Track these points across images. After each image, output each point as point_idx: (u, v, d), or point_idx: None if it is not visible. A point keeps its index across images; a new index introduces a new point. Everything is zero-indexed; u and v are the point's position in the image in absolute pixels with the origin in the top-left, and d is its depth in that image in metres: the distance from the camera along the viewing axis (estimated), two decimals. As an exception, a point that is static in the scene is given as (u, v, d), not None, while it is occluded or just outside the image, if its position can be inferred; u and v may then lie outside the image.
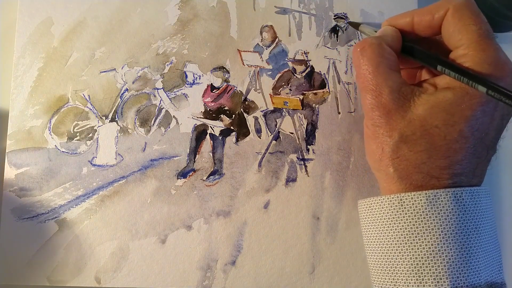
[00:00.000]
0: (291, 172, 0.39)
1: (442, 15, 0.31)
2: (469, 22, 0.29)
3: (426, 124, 0.29)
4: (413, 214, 0.28)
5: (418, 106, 0.29)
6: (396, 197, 0.29)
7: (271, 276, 0.37)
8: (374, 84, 0.31)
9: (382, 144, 0.30)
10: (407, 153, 0.29)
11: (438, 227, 0.28)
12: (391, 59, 0.31)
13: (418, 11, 0.32)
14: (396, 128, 0.30)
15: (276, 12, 0.41)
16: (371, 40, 0.32)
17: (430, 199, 0.28)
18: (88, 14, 0.40)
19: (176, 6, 0.41)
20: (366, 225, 0.32)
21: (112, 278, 0.37)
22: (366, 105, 0.31)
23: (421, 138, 0.29)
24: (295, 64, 0.41)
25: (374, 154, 0.31)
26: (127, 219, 0.38)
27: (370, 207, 0.31)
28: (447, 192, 0.28)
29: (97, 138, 0.39)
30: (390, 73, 0.31)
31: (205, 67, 0.40)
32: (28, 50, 0.40)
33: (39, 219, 0.38)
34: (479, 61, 0.28)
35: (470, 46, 0.29)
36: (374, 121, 0.31)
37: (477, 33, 0.29)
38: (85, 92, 0.40)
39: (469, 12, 0.30)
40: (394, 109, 0.30)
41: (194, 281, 0.37)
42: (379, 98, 0.30)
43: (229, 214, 0.38)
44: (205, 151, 0.39)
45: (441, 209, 0.28)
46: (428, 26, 0.32)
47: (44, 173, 0.38)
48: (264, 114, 0.40)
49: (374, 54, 0.31)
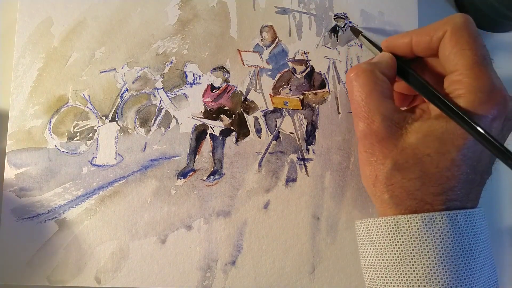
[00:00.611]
0: (291, 172, 0.39)
1: (440, 36, 0.30)
2: (465, 47, 0.29)
3: (418, 153, 0.29)
4: (409, 236, 0.28)
5: (410, 134, 0.29)
6: (392, 219, 0.29)
7: (271, 276, 0.37)
8: (366, 111, 0.30)
9: (375, 171, 0.30)
10: (400, 180, 0.29)
11: (434, 249, 0.28)
12: (384, 86, 0.31)
13: (417, 31, 0.32)
14: (389, 156, 0.30)
15: (276, 12, 0.41)
16: (365, 66, 0.32)
17: (426, 221, 0.28)
18: (88, 14, 0.40)
19: (176, 6, 0.41)
20: (363, 245, 0.32)
21: (112, 278, 0.37)
22: (358, 132, 0.31)
23: (414, 166, 0.29)
24: (295, 64, 0.41)
25: (368, 180, 0.31)
26: (127, 219, 0.38)
27: (367, 228, 0.31)
28: (442, 214, 0.28)
29: (97, 138, 0.39)
30: (382, 100, 0.30)
31: (205, 67, 0.40)
32: (28, 50, 0.40)
33: (39, 219, 0.38)
34: (472, 89, 0.28)
35: (464, 72, 0.28)
36: (367, 148, 0.31)
37: (472, 60, 0.28)
38: (85, 92, 0.40)
39: (467, 35, 0.29)
40: (386, 137, 0.30)
41: (194, 281, 0.37)
42: (371, 126, 0.30)
43: (229, 214, 0.38)
44: (205, 151, 0.39)
45: (436, 231, 0.28)
46: (427, 48, 0.31)
47: (44, 173, 0.38)
48: (264, 114, 0.40)
49: (367, 81, 0.31)
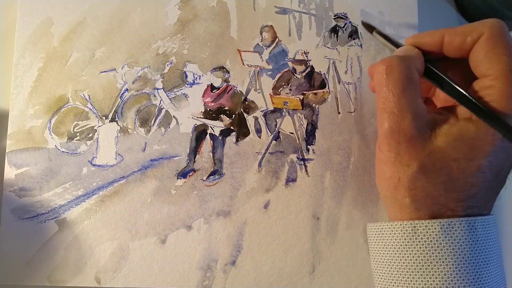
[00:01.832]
0: (291, 172, 0.39)
1: (476, 38, 0.29)
2: (502, 52, 0.28)
3: (446, 157, 0.28)
4: (427, 242, 0.28)
5: (439, 137, 0.28)
6: (409, 224, 0.28)
7: (271, 276, 0.37)
8: (397, 108, 0.29)
9: (398, 173, 0.29)
10: (425, 184, 0.28)
11: (452, 256, 0.27)
12: (417, 82, 0.30)
13: (451, 30, 0.30)
14: (415, 157, 0.28)
15: (276, 12, 0.41)
16: (398, 60, 0.30)
17: (445, 227, 0.27)
18: (88, 14, 0.40)
19: (176, 6, 0.41)
20: (375, 250, 0.31)
21: (112, 278, 0.37)
22: (384, 128, 0.29)
23: (440, 170, 0.28)
24: (295, 64, 0.41)
25: (388, 182, 0.30)
26: (127, 219, 0.38)
27: (380, 232, 0.30)
28: (461, 221, 0.27)
29: (97, 138, 0.39)
30: (415, 99, 0.29)
31: (205, 67, 0.40)
32: (28, 50, 0.40)
33: (39, 219, 0.38)
34: (505, 96, 0.27)
35: (499, 78, 0.28)
36: (391, 147, 0.29)
37: (508, 65, 0.27)
38: (85, 92, 0.40)
39: (505, 41, 0.28)
40: (415, 137, 0.28)
41: (194, 281, 0.37)
42: (401, 124, 0.28)
43: (229, 214, 0.38)
44: (205, 151, 0.39)
45: (454, 238, 0.27)
46: (459, 48, 0.30)
47: (44, 173, 0.38)
48: (264, 114, 0.40)
49: (402, 76, 0.29)
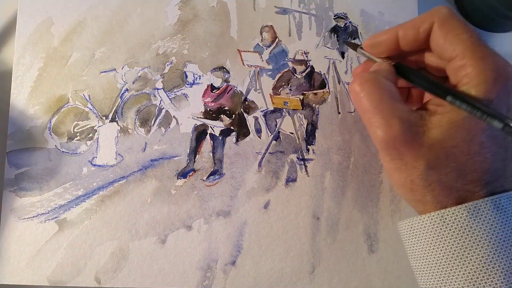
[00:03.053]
0: (291, 172, 0.39)
1: (428, 28, 0.30)
2: (459, 32, 0.29)
3: (446, 146, 0.28)
4: (457, 229, 0.28)
5: (433, 130, 0.29)
6: (436, 215, 0.29)
7: (271, 276, 0.37)
8: (382, 118, 0.29)
9: (410, 176, 0.29)
10: (437, 178, 0.29)
11: (485, 237, 0.27)
12: (392, 90, 0.30)
13: (402, 25, 0.32)
14: (419, 157, 0.29)
15: (276, 12, 0.41)
16: (367, 75, 0.31)
17: (471, 211, 0.28)
18: (88, 14, 0.40)
19: (176, 6, 0.41)
20: (410, 246, 0.31)
21: (112, 278, 0.37)
22: (378, 141, 0.30)
23: (446, 160, 0.28)
24: (295, 64, 0.41)
25: (404, 187, 0.30)
26: (127, 219, 0.38)
27: (411, 228, 0.31)
28: (486, 201, 0.28)
29: (97, 138, 0.39)
30: (395, 104, 0.29)
31: (205, 67, 0.40)
32: (28, 50, 0.40)
33: (39, 219, 0.38)
34: (481, 69, 0.28)
35: (466, 55, 0.28)
36: (392, 156, 0.30)
37: (470, 41, 0.28)
38: (85, 92, 0.40)
39: (456, 21, 0.29)
40: (410, 139, 0.29)
41: (194, 281, 0.37)
42: (391, 132, 0.29)
43: (229, 214, 0.38)
44: (205, 151, 0.39)
45: (484, 219, 0.27)
46: (414, 40, 0.31)
47: (44, 173, 0.38)
48: (264, 114, 0.40)
49: (375, 88, 0.30)
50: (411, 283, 0.38)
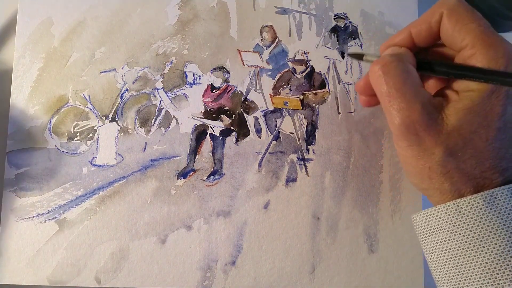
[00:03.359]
0: (291, 172, 0.39)
1: (438, 19, 0.30)
2: (467, 21, 0.29)
3: (464, 132, 0.28)
4: (474, 218, 0.27)
5: (450, 117, 0.29)
6: (452, 204, 0.28)
7: (271, 276, 0.37)
8: (404, 102, 0.29)
9: (427, 163, 0.29)
10: (456, 164, 0.28)
11: (503, 226, 0.27)
12: (415, 74, 0.30)
13: (414, 23, 0.32)
14: (437, 143, 0.29)
15: (276, 12, 0.41)
16: (390, 57, 0.30)
17: (488, 200, 0.27)
18: (88, 14, 0.40)
19: (176, 6, 0.41)
20: (425, 238, 0.31)
21: (112, 278, 0.37)
22: (397, 125, 0.30)
23: (465, 147, 0.28)
24: (295, 64, 0.41)
25: (421, 175, 0.30)
26: (127, 219, 0.38)
27: (426, 219, 0.30)
28: (503, 189, 0.27)
29: (97, 138, 0.39)
30: (418, 88, 0.29)
31: (205, 67, 0.40)
32: (28, 50, 0.40)
33: (39, 219, 0.38)
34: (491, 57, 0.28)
35: (476, 44, 0.28)
36: (411, 141, 0.29)
37: (478, 30, 0.28)
38: (85, 92, 0.40)
39: (464, 11, 0.29)
40: (430, 125, 0.29)
41: (194, 281, 0.37)
42: (412, 116, 0.29)
43: (229, 214, 0.38)
44: (205, 151, 0.39)
45: (500, 207, 0.27)
46: (428, 35, 0.31)
47: (44, 173, 0.38)
48: (264, 114, 0.40)
49: (399, 70, 0.30)
50: (411, 283, 0.38)
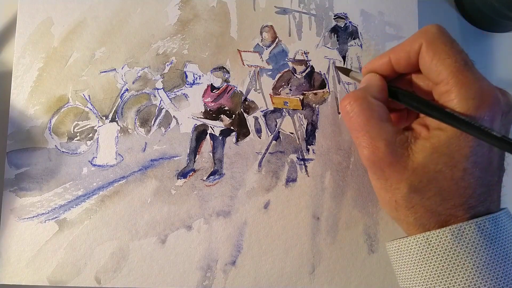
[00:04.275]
0: (291, 172, 0.39)
1: (417, 50, 0.30)
2: (444, 56, 0.28)
3: (429, 171, 0.28)
4: (441, 251, 0.28)
5: (417, 154, 0.29)
6: (421, 237, 0.29)
7: (271, 276, 0.37)
8: (368, 139, 0.30)
9: (393, 196, 0.30)
10: (420, 201, 0.29)
11: (469, 260, 0.27)
12: (381, 110, 0.30)
13: (394, 49, 0.32)
14: (402, 179, 0.29)
15: (276, 12, 0.41)
16: (356, 94, 0.31)
17: (455, 233, 0.28)
18: (88, 14, 0.40)
19: (176, 6, 0.41)
20: (398, 267, 0.31)
21: (112, 278, 0.37)
22: (365, 160, 0.31)
23: (429, 184, 0.29)
24: (295, 64, 0.41)
25: (389, 205, 0.31)
26: (127, 219, 0.38)
27: (398, 249, 0.31)
28: (470, 224, 0.28)
29: (97, 138, 0.39)
30: (382, 125, 0.30)
31: (205, 67, 0.40)
32: (28, 50, 0.40)
33: (39, 219, 0.38)
34: (463, 97, 0.28)
35: (450, 81, 0.28)
36: (378, 175, 0.31)
37: (454, 67, 0.28)
38: (85, 92, 0.40)
39: (443, 44, 0.29)
40: (394, 162, 0.29)
41: (194, 281, 0.37)
42: (377, 153, 0.29)
43: (229, 214, 0.38)
44: (205, 151, 0.39)
45: (468, 242, 0.27)
46: (407, 64, 0.31)
47: (44, 173, 0.38)
48: (264, 114, 0.40)
49: (362, 109, 0.30)
50: (411, 283, 0.38)
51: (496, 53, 0.43)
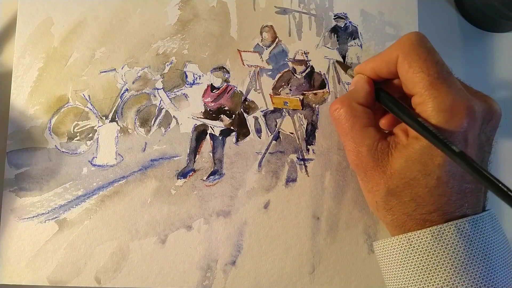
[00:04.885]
0: (291, 172, 0.39)
1: (395, 61, 0.30)
2: (417, 70, 0.29)
3: (405, 177, 0.30)
4: (422, 251, 0.29)
5: (395, 160, 0.30)
6: (403, 237, 0.30)
7: (271, 276, 0.37)
8: (352, 144, 0.32)
9: (375, 197, 0.32)
10: (396, 204, 0.31)
11: (448, 261, 0.28)
12: (365, 116, 0.32)
13: (375, 58, 0.33)
14: (380, 182, 0.31)
15: (276, 12, 0.41)
16: (342, 100, 0.33)
17: (435, 235, 0.28)
18: (88, 14, 0.40)
19: (176, 6, 0.41)
20: (383, 265, 0.33)
21: (112, 278, 0.37)
22: (351, 163, 0.33)
23: (405, 190, 0.30)
24: (295, 64, 0.41)
25: (372, 205, 0.33)
26: (127, 219, 0.38)
27: (383, 248, 0.32)
28: (450, 225, 0.28)
29: (97, 138, 0.39)
30: (365, 131, 0.31)
31: (205, 67, 0.40)
32: (28, 50, 0.40)
33: (39, 219, 0.38)
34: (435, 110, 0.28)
35: (423, 94, 0.29)
36: (361, 177, 0.33)
37: (427, 80, 0.28)
38: (85, 92, 0.40)
39: (417, 57, 0.29)
40: (374, 166, 0.31)
41: (194, 281, 0.37)
42: (359, 157, 0.32)
43: (229, 214, 0.38)
44: (205, 151, 0.39)
45: (447, 243, 0.28)
46: (387, 73, 0.32)
47: (44, 173, 0.38)
48: (264, 114, 0.40)
49: (347, 115, 0.32)
50: (411, 283, 0.38)
51: (496, 53, 0.43)
